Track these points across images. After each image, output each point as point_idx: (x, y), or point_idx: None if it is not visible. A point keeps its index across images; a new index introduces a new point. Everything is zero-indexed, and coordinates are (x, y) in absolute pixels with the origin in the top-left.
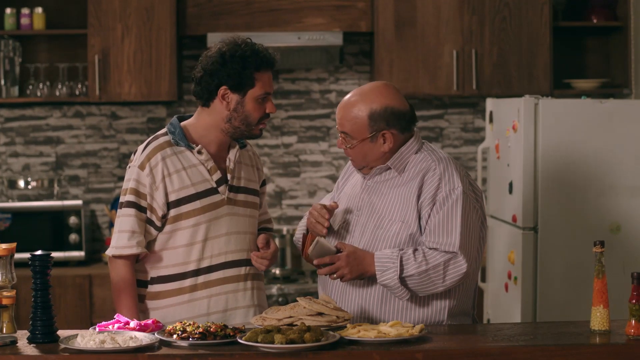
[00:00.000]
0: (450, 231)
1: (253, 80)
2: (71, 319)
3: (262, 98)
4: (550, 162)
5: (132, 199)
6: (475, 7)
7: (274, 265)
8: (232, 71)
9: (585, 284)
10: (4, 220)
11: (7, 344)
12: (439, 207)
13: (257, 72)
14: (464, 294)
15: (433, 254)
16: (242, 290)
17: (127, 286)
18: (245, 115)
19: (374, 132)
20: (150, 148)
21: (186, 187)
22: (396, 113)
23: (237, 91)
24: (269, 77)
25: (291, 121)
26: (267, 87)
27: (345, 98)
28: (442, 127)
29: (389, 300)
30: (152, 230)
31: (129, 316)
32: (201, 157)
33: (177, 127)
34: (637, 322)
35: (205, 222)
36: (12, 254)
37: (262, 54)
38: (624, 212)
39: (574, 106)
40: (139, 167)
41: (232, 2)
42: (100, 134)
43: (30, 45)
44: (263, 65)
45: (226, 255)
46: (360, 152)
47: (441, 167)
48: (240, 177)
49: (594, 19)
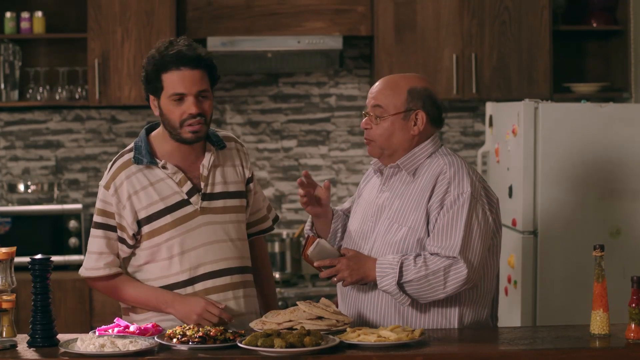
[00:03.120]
0: (453, 235)
1: (161, 82)
2: (71, 322)
3: (177, 99)
4: (550, 166)
5: (99, 219)
6: (475, 11)
7: (273, 269)
8: (146, 76)
9: (585, 288)
10: (3, 224)
11: (7, 347)
12: (445, 211)
13: (164, 73)
14: (477, 303)
15: (434, 260)
16: (230, 299)
17: (115, 288)
18: (168, 118)
19: (410, 109)
20: (115, 167)
21: (154, 202)
22: (433, 98)
23: (155, 95)
24: (181, 76)
25: (291, 125)
26: (178, 87)
27: (382, 79)
28: (442, 131)
29: (397, 308)
30: (125, 248)
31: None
32: (167, 172)
33: (143, 140)
34: (637, 326)
35: (178, 235)
36: (11, 257)
37: (170, 54)
38: (623, 216)
39: (573, 110)
40: (104, 187)
41: (232, 6)
42: (100, 138)
43: (30, 49)
44: (168, 65)
45: (205, 266)
46: (388, 130)
47: (452, 171)
48: (214, 182)
49: (594, 22)
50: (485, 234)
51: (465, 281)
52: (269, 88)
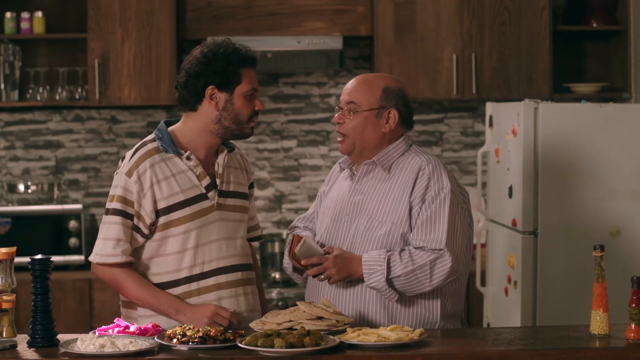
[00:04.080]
0: (437, 228)
1: (239, 77)
2: (71, 323)
3: (250, 95)
4: (550, 166)
5: (119, 206)
6: (475, 11)
7: (273, 270)
8: (218, 69)
9: (585, 288)
10: (3, 224)
11: (7, 348)
12: (427, 206)
13: (242, 69)
14: (455, 295)
15: (419, 254)
16: (241, 295)
17: (121, 280)
18: (235, 113)
19: (383, 107)
20: (139, 155)
21: (175, 193)
22: (406, 100)
23: (225, 89)
24: (253, 74)
25: (291, 125)
26: (254, 83)
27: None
28: (442, 131)
29: (382, 302)
30: (138, 237)
31: (140, 298)
32: (190, 163)
33: (164, 132)
34: (636, 326)
35: (195, 228)
36: (12, 258)
37: (244, 51)
38: (623, 216)
39: (573, 110)
40: (126, 174)
41: (232, 6)
42: (100, 138)
43: (30, 50)
44: (247, 61)
45: (218, 261)
46: (360, 126)
47: (430, 167)
48: (229, 181)
49: (594, 23)
50: (466, 227)
51: (450, 272)
52: (269, 88)
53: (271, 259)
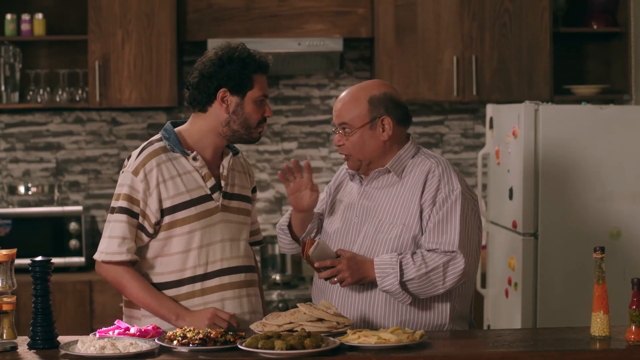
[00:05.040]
0: (449, 230)
1: (252, 82)
2: (71, 324)
3: (260, 100)
4: (550, 168)
5: (125, 205)
6: (476, 13)
7: (274, 272)
8: (232, 73)
9: (585, 290)
10: (4, 226)
11: (8, 349)
12: (438, 208)
13: (255, 74)
14: (464, 297)
15: (432, 256)
16: (244, 296)
17: (124, 280)
18: (245, 117)
19: (374, 118)
20: (145, 154)
21: (181, 193)
22: (394, 101)
23: (237, 93)
24: (265, 80)
25: (291, 127)
26: (265, 90)
27: (343, 93)
28: (443, 133)
29: (392, 305)
30: (143, 236)
31: (142, 300)
32: (196, 164)
33: (171, 133)
34: (637, 328)
35: (199, 229)
36: (12, 259)
37: (259, 56)
38: (624, 218)
39: (574, 112)
40: (132, 172)
41: (233, 8)
42: (100, 140)
43: (30, 51)
44: (261, 67)
45: (222, 262)
46: (359, 142)
47: (440, 169)
48: (233, 184)
49: (594, 24)
50: (477, 229)
51: (463, 274)
52: (269, 90)
53: (271, 261)
